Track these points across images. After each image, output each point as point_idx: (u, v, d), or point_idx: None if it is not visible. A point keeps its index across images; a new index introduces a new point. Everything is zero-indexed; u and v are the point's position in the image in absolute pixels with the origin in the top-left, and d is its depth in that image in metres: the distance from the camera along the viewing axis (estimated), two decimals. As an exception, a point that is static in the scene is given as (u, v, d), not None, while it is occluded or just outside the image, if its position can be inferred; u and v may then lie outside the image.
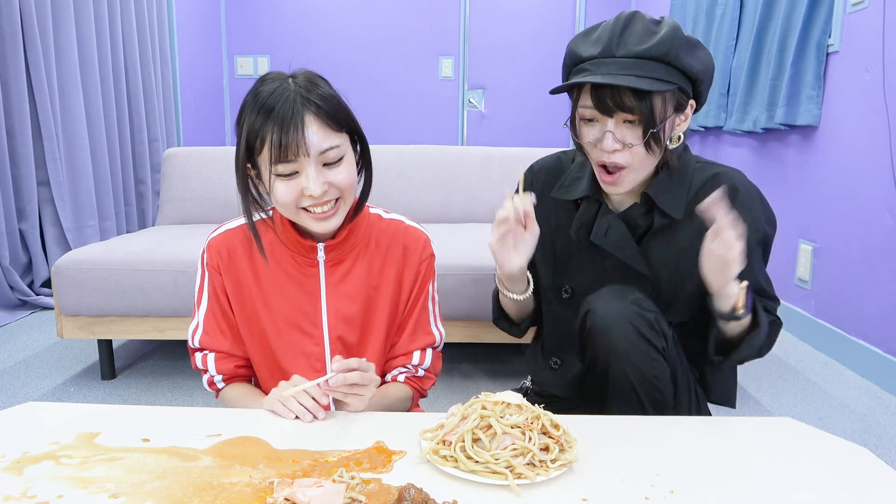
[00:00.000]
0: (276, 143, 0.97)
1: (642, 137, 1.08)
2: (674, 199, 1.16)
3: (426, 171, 2.74)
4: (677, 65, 1.07)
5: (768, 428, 1.00)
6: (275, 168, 0.99)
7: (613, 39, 1.08)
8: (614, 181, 1.13)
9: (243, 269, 1.13)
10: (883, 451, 1.78)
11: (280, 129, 0.97)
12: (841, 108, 2.50)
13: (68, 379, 2.21)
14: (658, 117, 1.08)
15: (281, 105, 0.98)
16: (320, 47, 5.00)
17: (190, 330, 1.16)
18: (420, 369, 1.18)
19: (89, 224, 3.38)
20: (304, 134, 0.98)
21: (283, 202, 1.02)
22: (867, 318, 2.34)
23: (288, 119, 0.97)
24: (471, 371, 2.30)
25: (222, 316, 1.14)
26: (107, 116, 3.54)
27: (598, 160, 1.13)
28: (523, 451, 0.81)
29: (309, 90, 1.00)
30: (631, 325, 1.10)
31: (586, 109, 1.11)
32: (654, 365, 1.12)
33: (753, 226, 1.13)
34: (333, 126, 1.01)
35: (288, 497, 0.73)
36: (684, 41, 1.08)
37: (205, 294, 1.14)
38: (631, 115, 1.08)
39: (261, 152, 1.00)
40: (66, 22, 3.18)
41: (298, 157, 0.98)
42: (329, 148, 1.00)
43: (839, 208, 2.50)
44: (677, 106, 1.11)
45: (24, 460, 0.84)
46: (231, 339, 1.14)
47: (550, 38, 5.03)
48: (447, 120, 5.12)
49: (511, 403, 0.86)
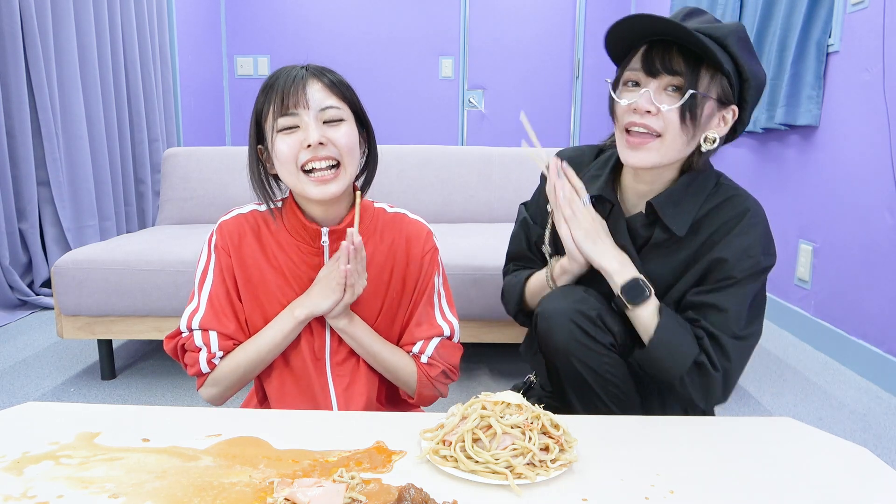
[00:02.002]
0: (278, 100, 1.03)
1: (678, 103, 1.04)
2: (680, 214, 1.13)
3: (426, 171, 2.74)
4: (733, 53, 1.05)
5: (768, 428, 1.00)
6: (276, 124, 1.03)
7: (679, 15, 1.08)
8: (638, 144, 1.08)
9: (252, 253, 1.13)
10: (883, 451, 1.78)
11: (283, 89, 1.03)
12: (841, 108, 2.50)
13: (68, 379, 2.21)
14: (701, 90, 1.05)
15: (285, 75, 1.05)
16: (320, 47, 5.00)
17: (187, 312, 1.12)
18: (423, 356, 1.17)
19: (89, 224, 3.38)
20: (306, 90, 1.03)
21: (283, 158, 1.04)
22: (867, 318, 2.34)
23: (290, 80, 1.04)
24: (471, 371, 2.30)
25: (227, 299, 1.13)
26: (107, 116, 3.54)
27: (625, 122, 1.09)
28: (523, 451, 0.81)
29: (315, 67, 1.08)
30: (572, 323, 1.12)
31: (632, 72, 1.09)
32: (606, 360, 1.14)
33: (746, 252, 1.09)
34: (336, 92, 1.07)
35: (288, 497, 0.73)
36: (746, 40, 1.08)
37: (209, 276, 1.13)
38: (674, 80, 1.05)
39: (267, 118, 1.05)
40: (66, 22, 3.18)
41: (298, 108, 1.03)
42: (329, 106, 1.05)
43: (839, 208, 2.50)
44: (721, 98, 1.08)
45: (24, 460, 0.84)
46: (235, 324, 1.13)
47: (550, 38, 5.03)
48: (447, 120, 5.12)
49: (511, 403, 0.86)
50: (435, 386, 1.19)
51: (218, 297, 1.12)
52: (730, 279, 1.09)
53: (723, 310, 1.09)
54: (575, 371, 1.14)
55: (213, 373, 1.12)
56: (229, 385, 1.14)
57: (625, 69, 1.11)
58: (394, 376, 1.18)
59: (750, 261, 1.09)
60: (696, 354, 1.10)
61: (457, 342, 1.21)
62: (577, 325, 1.12)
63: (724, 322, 1.09)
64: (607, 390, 1.16)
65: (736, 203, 1.13)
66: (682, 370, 1.09)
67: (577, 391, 1.17)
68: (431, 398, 1.21)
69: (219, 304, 1.12)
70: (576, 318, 1.13)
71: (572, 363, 1.14)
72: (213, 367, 1.12)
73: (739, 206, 1.12)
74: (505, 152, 2.79)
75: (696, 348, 1.10)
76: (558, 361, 1.16)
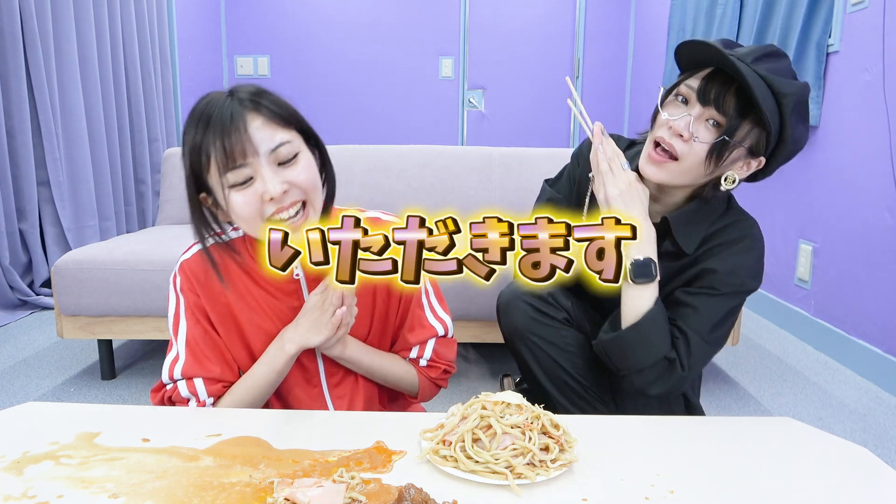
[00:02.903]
0: (219, 150, 0.90)
1: (711, 141, 1.08)
2: (690, 234, 1.18)
3: (426, 171, 2.74)
4: (784, 115, 1.07)
5: (768, 428, 1.00)
6: (226, 179, 0.92)
7: (755, 53, 1.08)
8: (658, 161, 1.12)
9: (222, 289, 1.05)
10: (883, 451, 1.78)
11: (221, 134, 0.90)
12: (841, 108, 2.50)
13: (68, 379, 2.21)
14: (736, 138, 1.08)
15: (218, 111, 0.91)
16: (320, 47, 5.00)
17: (167, 362, 1.05)
18: (422, 360, 1.15)
19: (89, 224, 3.38)
20: (248, 132, 0.91)
21: (244, 216, 0.95)
22: (867, 318, 2.34)
23: (227, 122, 0.90)
24: (471, 371, 2.30)
25: (206, 339, 1.05)
26: (107, 116, 3.54)
27: (657, 136, 1.12)
28: (523, 451, 0.81)
29: (243, 92, 0.94)
30: (525, 303, 1.23)
31: (687, 88, 1.10)
32: (563, 333, 1.23)
33: (735, 271, 1.15)
34: (280, 122, 0.95)
35: (288, 497, 0.73)
36: (803, 107, 1.09)
37: (182, 320, 1.06)
38: (718, 117, 1.07)
39: (209, 169, 0.93)
40: (66, 22, 3.18)
41: (247, 158, 0.91)
42: (280, 144, 0.94)
43: (839, 208, 2.50)
44: (752, 148, 1.11)
45: (24, 460, 0.84)
46: (220, 365, 1.05)
47: (550, 38, 5.03)
48: (447, 120, 5.12)
49: (511, 403, 0.86)
50: (437, 385, 1.19)
51: (196, 341, 1.04)
52: (714, 290, 1.15)
53: (699, 312, 1.15)
54: (538, 348, 1.23)
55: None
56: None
57: (683, 82, 1.12)
58: (395, 385, 1.15)
59: (737, 279, 1.15)
60: (668, 351, 1.13)
61: (451, 337, 1.19)
62: (529, 304, 1.23)
63: (697, 322, 1.15)
64: (573, 363, 1.23)
65: (740, 227, 1.19)
66: (648, 363, 1.14)
67: (545, 369, 1.24)
68: (434, 394, 1.21)
69: (198, 347, 1.04)
70: (528, 298, 1.23)
71: (533, 341, 1.23)
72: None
73: (743, 230, 1.18)
74: (505, 152, 2.79)
75: (669, 346, 1.14)
76: (521, 343, 1.24)
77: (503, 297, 1.28)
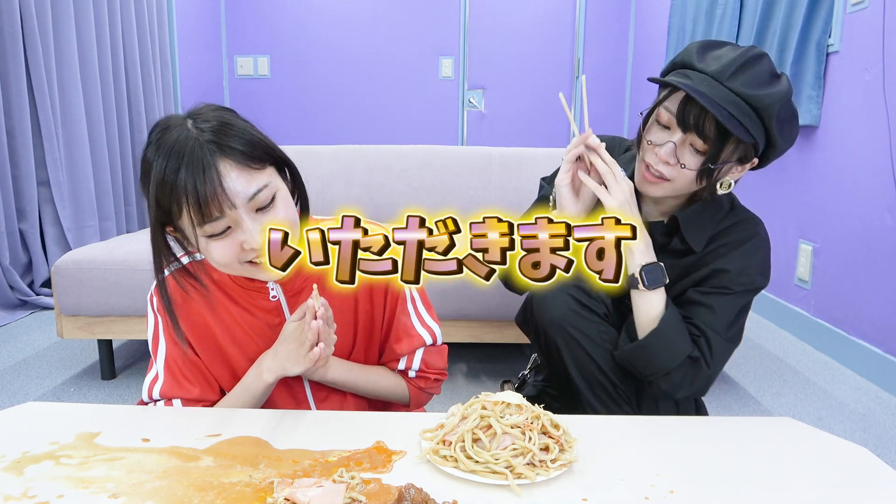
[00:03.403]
0: (193, 203, 0.86)
1: (698, 166, 1.09)
2: (698, 231, 1.19)
3: (426, 171, 2.74)
4: (768, 124, 1.07)
5: (768, 428, 1.00)
6: (202, 230, 0.89)
7: (731, 68, 1.06)
8: (654, 182, 1.14)
9: (198, 309, 1.03)
10: (883, 451, 1.78)
11: (194, 187, 0.85)
12: (841, 108, 2.50)
13: (68, 379, 2.21)
14: (722, 159, 1.09)
15: (186, 161, 0.86)
16: (320, 47, 5.00)
17: (147, 382, 1.04)
18: (411, 371, 1.12)
19: (89, 224, 3.38)
20: (224, 184, 0.87)
21: (223, 262, 0.92)
22: (867, 318, 2.34)
23: (199, 173, 0.85)
24: (471, 371, 2.30)
25: (184, 360, 1.03)
26: (107, 116, 3.54)
27: (646, 160, 1.14)
28: (523, 451, 0.81)
29: (215, 131, 0.88)
30: (566, 294, 1.18)
31: (666, 113, 1.11)
32: (602, 329, 1.19)
33: (746, 270, 1.18)
34: (254, 165, 0.90)
35: (288, 497, 0.73)
36: (787, 108, 1.08)
37: (161, 340, 1.04)
38: (700, 143, 1.08)
39: (180, 216, 0.89)
40: (66, 22, 3.18)
41: (224, 211, 0.87)
42: (257, 191, 0.89)
43: (839, 208, 2.50)
44: (742, 157, 1.12)
45: (24, 460, 0.84)
46: (199, 385, 1.04)
47: (550, 38, 5.03)
48: (447, 120, 5.12)
49: (511, 403, 0.86)
50: (429, 394, 1.17)
51: (175, 361, 1.03)
52: (726, 289, 1.17)
53: (715, 311, 1.17)
54: (573, 341, 1.19)
55: None
56: None
57: (660, 104, 1.12)
58: (385, 398, 1.14)
59: (748, 278, 1.18)
60: (691, 350, 1.15)
61: (441, 345, 1.16)
62: (570, 296, 1.18)
63: (715, 322, 1.17)
64: (605, 359, 1.20)
65: (747, 226, 1.20)
66: (673, 365, 1.14)
67: (578, 364, 1.20)
68: (426, 401, 1.20)
69: (177, 368, 1.03)
70: (569, 290, 1.18)
71: (570, 333, 1.18)
72: None
73: (750, 230, 1.20)
74: (505, 152, 2.79)
75: (691, 345, 1.15)
76: (557, 334, 1.20)
77: (539, 296, 1.23)
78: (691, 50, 1.12)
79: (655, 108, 1.14)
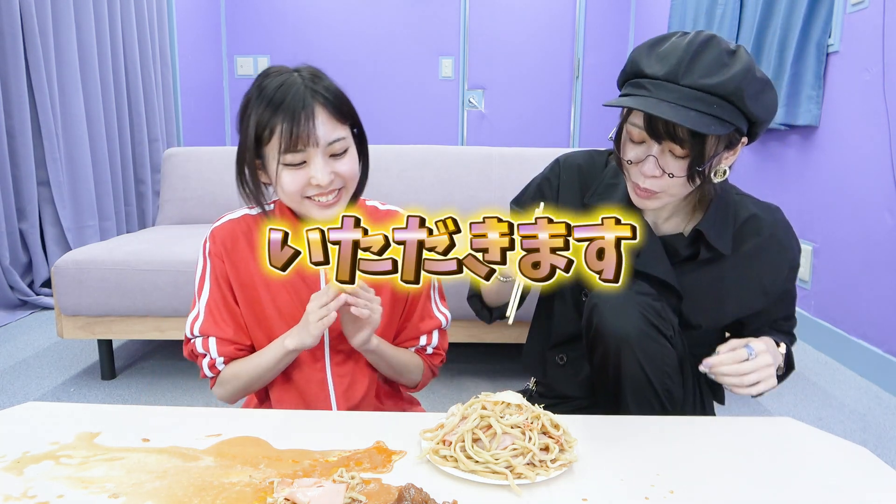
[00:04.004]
0: (286, 133, 1.00)
1: (686, 171, 1.05)
2: (721, 234, 1.15)
3: (426, 171, 2.74)
4: (741, 106, 1.01)
5: (768, 428, 1.00)
6: (283, 157, 1.02)
7: (682, 64, 1.00)
8: (647, 197, 1.10)
9: (246, 258, 1.13)
10: (883, 451, 1.78)
11: (291, 120, 1.00)
12: (841, 108, 2.50)
13: (68, 379, 2.21)
14: (707, 155, 1.03)
15: (291, 97, 1.01)
16: (320, 47, 5.00)
17: (189, 319, 1.15)
18: (429, 348, 1.21)
19: (89, 224, 3.38)
20: (314, 125, 1.01)
21: (289, 191, 1.04)
22: (867, 318, 2.34)
23: (298, 110, 1.00)
24: (471, 371, 2.30)
25: (224, 304, 1.14)
26: (107, 116, 3.54)
27: (633, 180, 1.10)
28: (523, 451, 0.81)
29: (315, 82, 1.04)
30: (639, 312, 1.09)
31: (635, 129, 1.06)
32: (665, 353, 1.12)
33: (790, 264, 1.20)
34: (339, 118, 1.05)
35: (288, 497, 0.73)
36: (754, 82, 1.01)
37: (206, 283, 1.14)
38: (678, 149, 1.03)
39: (269, 142, 1.02)
40: (66, 22, 3.18)
41: (308, 147, 1.01)
42: (336, 140, 1.04)
43: (839, 208, 2.50)
44: (729, 143, 1.06)
45: (24, 460, 0.84)
46: (233, 328, 1.14)
47: (550, 38, 5.03)
48: (447, 120, 5.12)
49: (511, 403, 0.86)
50: (434, 373, 1.26)
51: (216, 303, 1.14)
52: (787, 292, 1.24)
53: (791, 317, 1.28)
54: (635, 362, 1.10)
55: (220, 375, 1.15)
56: (235, 389, 1.15)
57: (626, 121, 1.08)
58: (400, 373, 1.20)
59: (793, 273, 1.23)
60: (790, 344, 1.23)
61: (447, 329, 1.26)
62: (643, 314, 1.10)
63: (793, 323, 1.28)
64: (663, 383, 1.13)
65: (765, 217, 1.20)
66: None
67: (634, 385, 1.13)
68: (427, 382, 1.27)
69: (217, 309, 1.13)
70: (642, 307, 1.10)
71: (634, 353, 1.09)
72: (217, 372, 1.15)
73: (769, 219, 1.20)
74: (505, 152, 2.79)
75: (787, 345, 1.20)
76: (624, 352, 1.10)
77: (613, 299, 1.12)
78: (639, 55, 1.07)
79: (623, 128, 1.09)
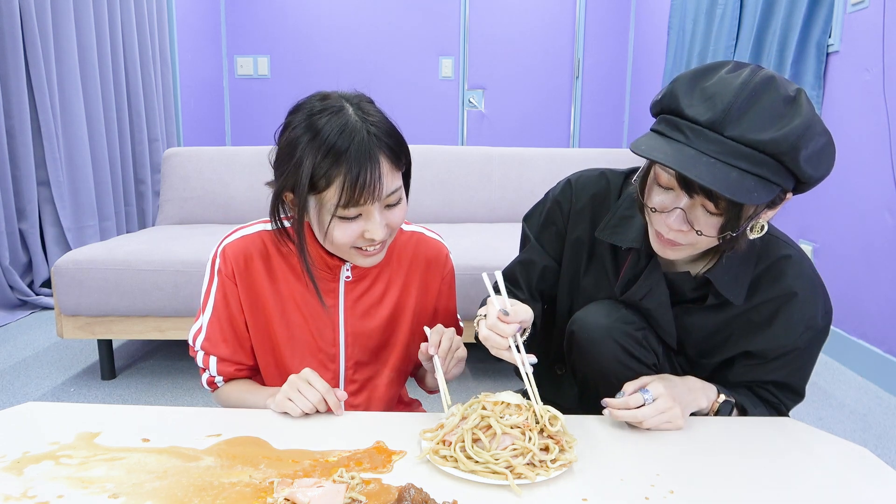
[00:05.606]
0: (348, 188, 0.91)
1: (717, 231, 0.91)
2: (734, 281, 1.02)
3: (426, 171, 2.74)
4: (792, 167, 0.86)
5: (768, 428, 1.00)
6: (341, 211, 0.94)
7: (731, 111, 0.84)
8: (670, 247, 0.97)
9: (260, 278, 1.08)
10: (883, 451, 1.78)
11: (356, 174, 0.91)
12: (841, 108, 2.50)
13: (68, 379, 2.21)
14: (744, 217, 0.89)
15: (356, 148, 0.92)
16: (320, 47, 5.00)
17: (192, 330, 1.13)
18: None
19: (89, 224, 3.38)
20: (380, 179, 0.93)
21: (340, 243, 0.98)
22: (867, 318, 2.34)
23: (364, 163, 0.91)
24: (471, 371, 2.30)
25: (229, 325, 1.10)
26: (107, 116, 3.54)
27: (656, 228, 0.96)
28: (523, 451, 0.81)
29: (375, 125, 0.96)
30: (616, 343, 1.05)
31: (665, 174, 0.91)
32: None
33: (808, 322, 1.03)
34: (398, 166, 0.98)
35: (288, 497, 0.73)
36: (815, 139, 0.86)
37: (211, 299, 1.10)
38: (713, 206, 0.88)
39: (324, 191, 0.94)
40: (66, 22, 3.18)
41: (369, 203, 0.94)
42: (394, 191, 0.97)
43: (839, 208, 2.51)
44: (771, 203, 0.92)
45: (24, 460, 0.84)
46: (233, 348, 1.11)
47: (550, 38, 5.03)
48: (447, 120, 5.12)
49: (511, 403, 0.86)
50: None
51: (220, 322, 1.10)
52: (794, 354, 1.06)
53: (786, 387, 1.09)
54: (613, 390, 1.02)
55: (217, 392, 1.15)
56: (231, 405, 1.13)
57: (654, 164, 0.93)
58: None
59: (808, 333, 1.04)
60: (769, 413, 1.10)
61: None
62: (620, 345, 1.05)
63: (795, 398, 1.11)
64: None
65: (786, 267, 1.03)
66: None
67: None
68: None
69: (219, 328, 1.10)
70: (620, 338, 1.05)
71: (612, 383, 1.03)
72: (215, 388, 1.14)
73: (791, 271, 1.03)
74: (505, 152, 2.79)
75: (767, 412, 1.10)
76: (599, 381, 1.08)
77: (588, 323, 1.07)
78: (679, 88, 0.90)
79: (651, 169, 0.95)
